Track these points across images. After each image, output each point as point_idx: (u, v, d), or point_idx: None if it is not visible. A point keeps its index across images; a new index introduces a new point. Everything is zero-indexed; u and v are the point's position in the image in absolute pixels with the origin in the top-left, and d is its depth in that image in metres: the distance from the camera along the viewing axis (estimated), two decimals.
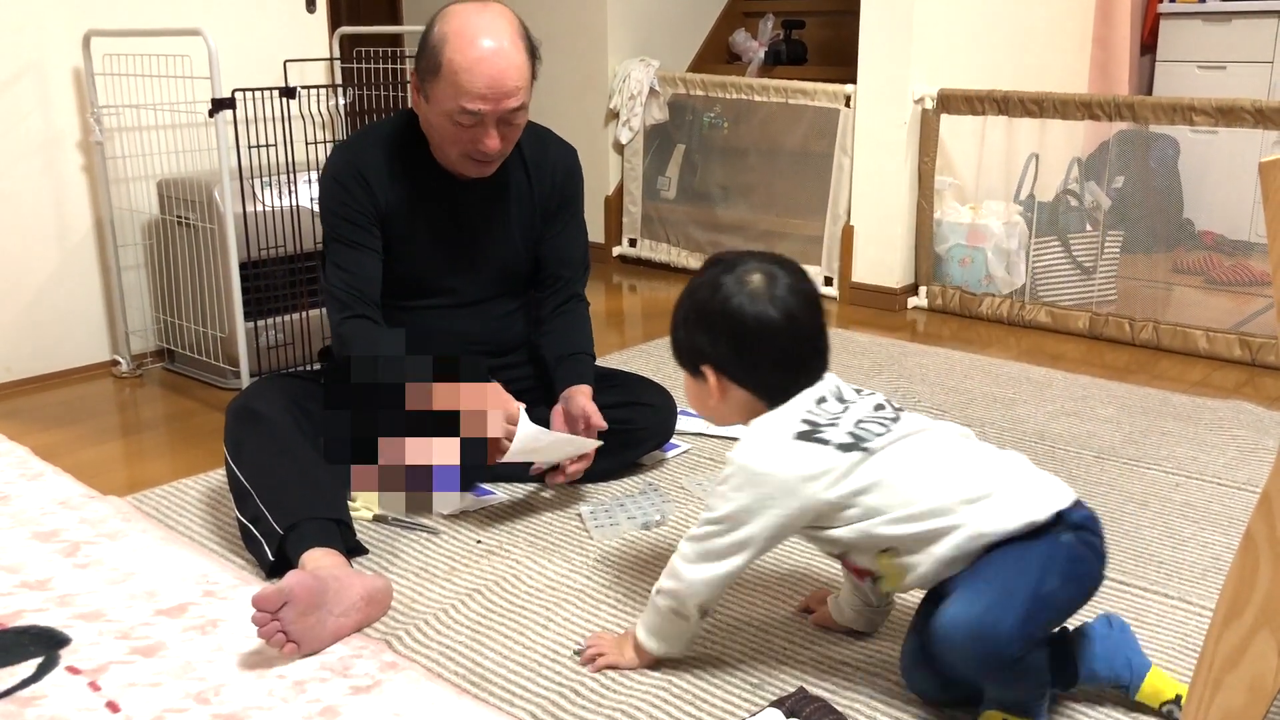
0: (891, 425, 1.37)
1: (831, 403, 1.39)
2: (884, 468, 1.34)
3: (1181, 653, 1.53)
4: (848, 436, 1.34)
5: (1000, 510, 1.30)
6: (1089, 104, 3.04)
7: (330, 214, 1.95)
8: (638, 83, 3.92)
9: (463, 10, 1.83)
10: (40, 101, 2.67)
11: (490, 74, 1.78)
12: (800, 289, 1.41)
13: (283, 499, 1.70)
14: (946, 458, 1.36)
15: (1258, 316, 3.21)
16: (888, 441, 1.34)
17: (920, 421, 1.40)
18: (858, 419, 1.36)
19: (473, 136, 1.84)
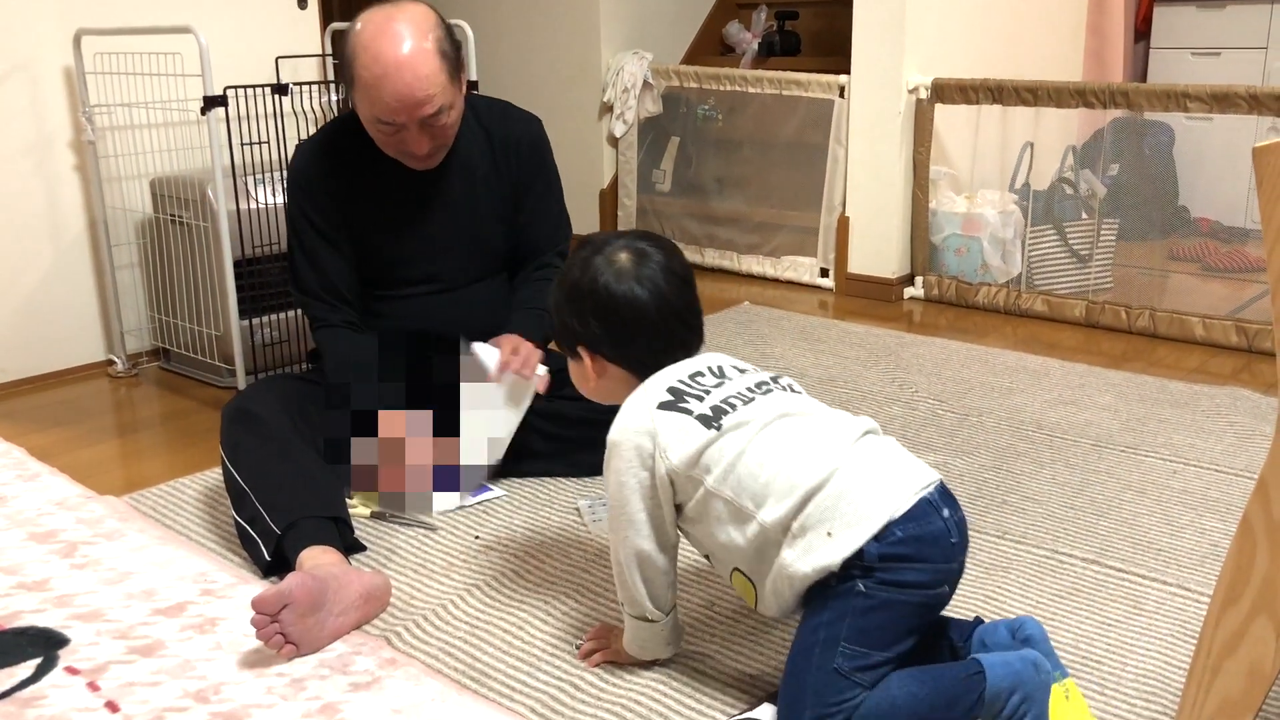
0: (742, 406, 1.34)
1: (708, 377, 1.40)
2: (731, 452, 1.30)
3: (1180, 639, 1.53)
4: (709, 410, 1.34)
5: (809, 547, 1.24)
6: (1083, 92, 3.04)
7: (295, 216, 1.97)
8: (631, 76, 3.91)
9: (372, 19, 1.79)
10: (32, 101, 2.66)
11: (396, 89, 1.75)
12: (669, 266, 1.43)
13: (280, 499, 1.70)
14: (786, 458, 1.29)
15: (1254, 303, 3.21)
16: (734, 422, 1.32)
17: (783, 406, 1.35)
18: (726, 395, 1.36)
19: (400, 140, 1.84)
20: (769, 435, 1.32)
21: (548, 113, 2.31)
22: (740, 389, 1.38)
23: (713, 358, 1.44)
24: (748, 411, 1.34)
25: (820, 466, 1.27)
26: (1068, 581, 1.69)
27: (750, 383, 1.40)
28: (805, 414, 1.36)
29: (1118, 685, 1.43)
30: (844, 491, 1.25)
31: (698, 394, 1.36)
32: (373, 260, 2.00)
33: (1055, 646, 1.50)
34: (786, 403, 1.37)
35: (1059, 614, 1.60)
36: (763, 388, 1.39)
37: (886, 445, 1.35)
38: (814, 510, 1.25)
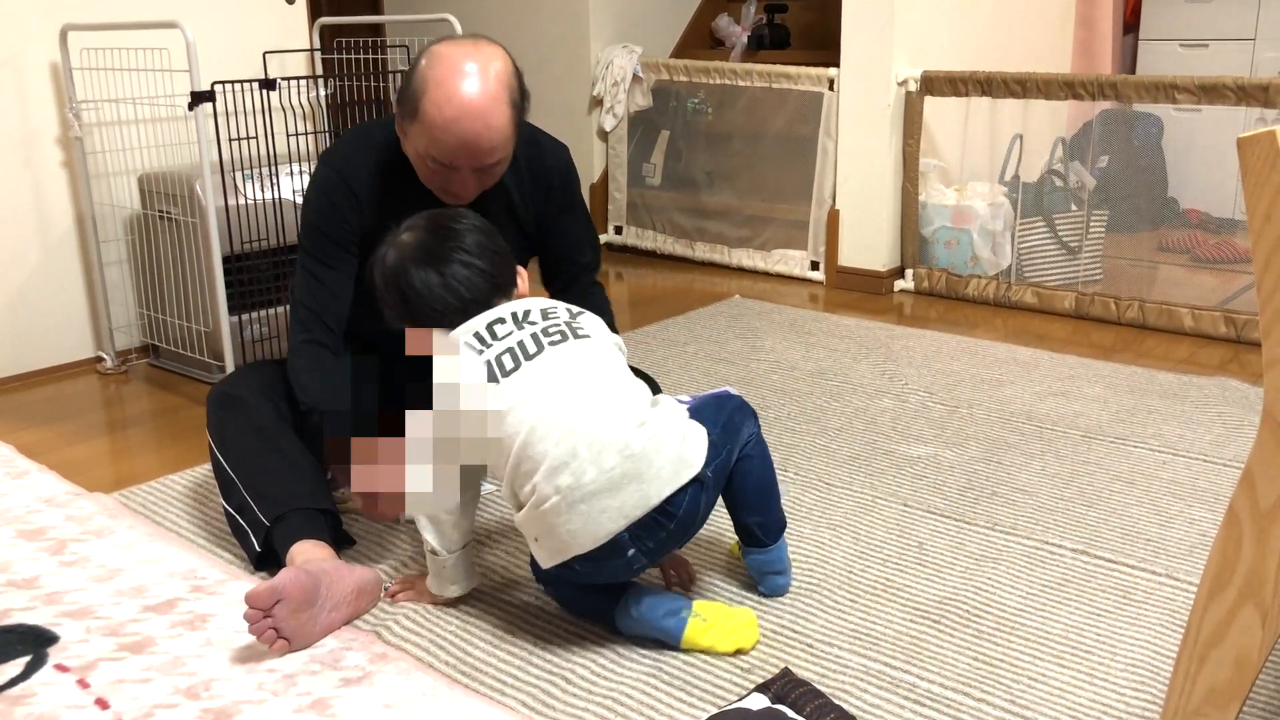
0: (524, 361, 1.46)
1: (509, 324, 1.51)
2: (502, 406, 1.44)
3: (1170, 629, 1.54)
4: (493, 359, 1.47)
5: (526, 530, 1.47)
6: (1072, 84, 3.04)
7: (312, 227, 1.88)
8: (621, 69, 3.91)
9: (449, 55, 1.69)
10: (18, 97, 2.65)
11: (465, 136, 1.68)
12: (431, 228, 1.59)
13: (268, 490, 1.69)
14: (539, 443, 1.42)
15: (1243, 293, 3.22)
16: (513, 380, 1.45)
17: (564, 369, 1.46)
18: (512, 345, 1.48)
19: (447, 180, 1.76)
20: (538, 404, 1.43)
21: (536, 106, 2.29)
22: (527, 337, 1.49)
23: (512, 305, 1.55)
24: (529, 368, 1.45)
25: (554, 480, 1.40)
26: (1057, 572, 1.70)
27: (541, 329, 1.50)
28: (581, 390, 1.45)
29: (1107, 675, 1.43)
30: (554, 522, 1.41)
31: (497, 340, 1.49)
32: None
33: (1045, 637, 1.52)
34: (570, 365, 1.47)
35: (1049, 604, 1.60)
36: (551, 336, 1.49)
37: (644, 445, 1.42)
38: (533, 511, 1.43)
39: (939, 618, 1.57)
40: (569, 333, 1.51)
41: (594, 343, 1.52)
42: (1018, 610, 1.59)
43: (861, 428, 2.30)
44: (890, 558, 1.75)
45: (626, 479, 1.40)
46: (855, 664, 1.46)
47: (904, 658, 1.47)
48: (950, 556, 1.75)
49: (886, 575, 1.69)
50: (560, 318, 1.54)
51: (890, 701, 1.38)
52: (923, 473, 2.07)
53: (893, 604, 1.61)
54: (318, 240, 1.87)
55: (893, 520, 1.88)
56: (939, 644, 1.51)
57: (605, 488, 1.40)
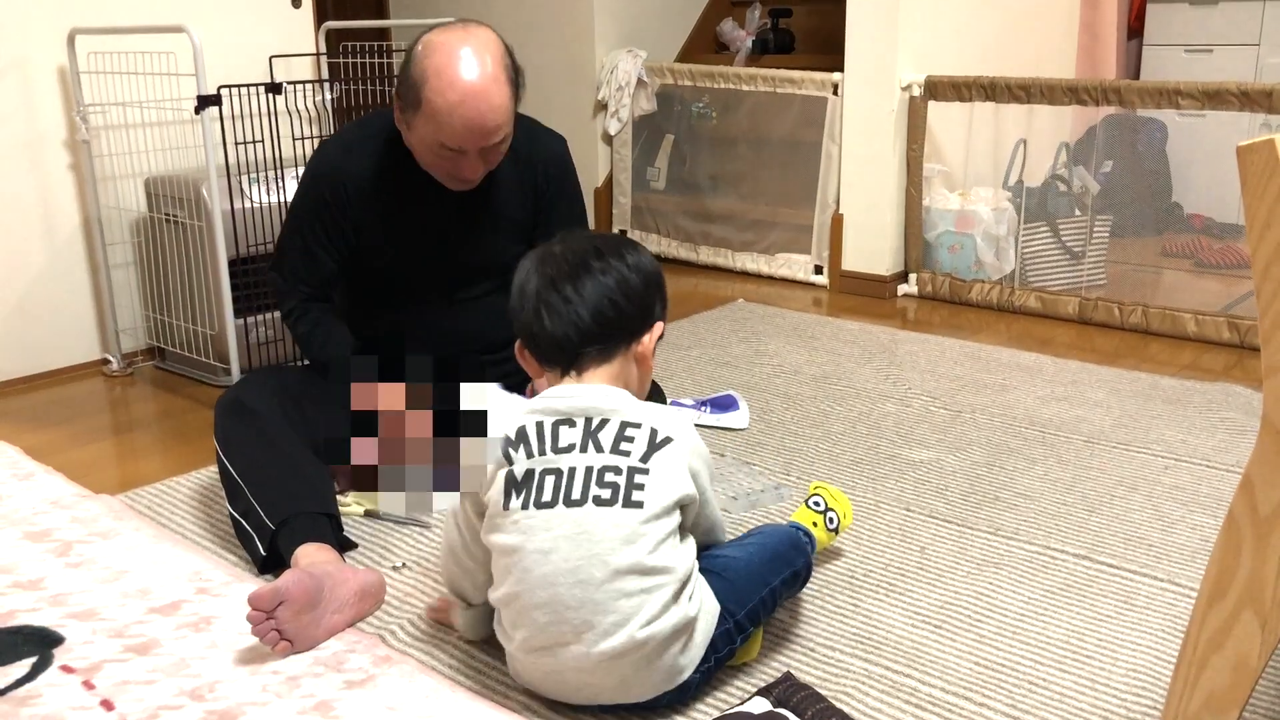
0: (559, 503, 1.32)
1: (577, 431, 1.36)
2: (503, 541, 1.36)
3: (1172, 635, 1.54)
4: (536, 479, 1.34)
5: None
6: (1076, 89, 3.05)
7: (303, 209, 1.96)
8: (625, 73, 3.92)
9: (444, 44, 1.76)
10: (25, 100, 2.66)
11: (470, 117, 1.74)
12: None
13: (273, 494, 1.70)
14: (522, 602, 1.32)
15: (1247, 299, 3.22)
16: (521, 519, 1.33)
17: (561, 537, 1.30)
18: (569, 470, 1.33)
19: (455, 164, 1.83)
20: (542, 573, 1.29)
21: (542, 111, 2.32)
22: (581, 471, 1.32)
23: (603, 403, 1.36)
24: (558, 519, 1.30)
25: (531, 650, 1.33)
26: (1059, 577, 1.70)
27: (599, 468, 1.32)
28: (590, 586, 1.28)
29: (1108, 680, 1.44)
30: (524, 663, 1.36)
31: (547, 449, 1.34)
32: (385, 269, 1.99)
33: (1047, 642, 1.52)
34: (597, 548, 1.29)
35: (1050, 609, 1.61)
36: (604, 488, 1.31)
37: (632, 667, 1.30)
38: (507, 638, 1.37)
39: (941, 622, 1.57)
40: (622, 493, 1.30)
41: (640, 516, 1.30)
42: (1019, 615, 1.59)
43: (864, 432, 2.30)
44: (892, 562, 1.75)
45: (605, 685, 1.32)
46: (857, 668, 1.46)
47: (906, 662, 1.48)
48: (952, 561, 1.75)
49: (888, 579, 1.70)
50: (628, 460, 1.32)
51: (892, 706, 1.38)
52: (925, 477, 2.07)
53: (895, 608, 1.61)
54: (313, 222, 1.95)
55: (895, 524, 1.88)
56: (941, 648, 1.51)
57: (581, 685, 1.32)
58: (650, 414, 1.36)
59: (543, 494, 1.32)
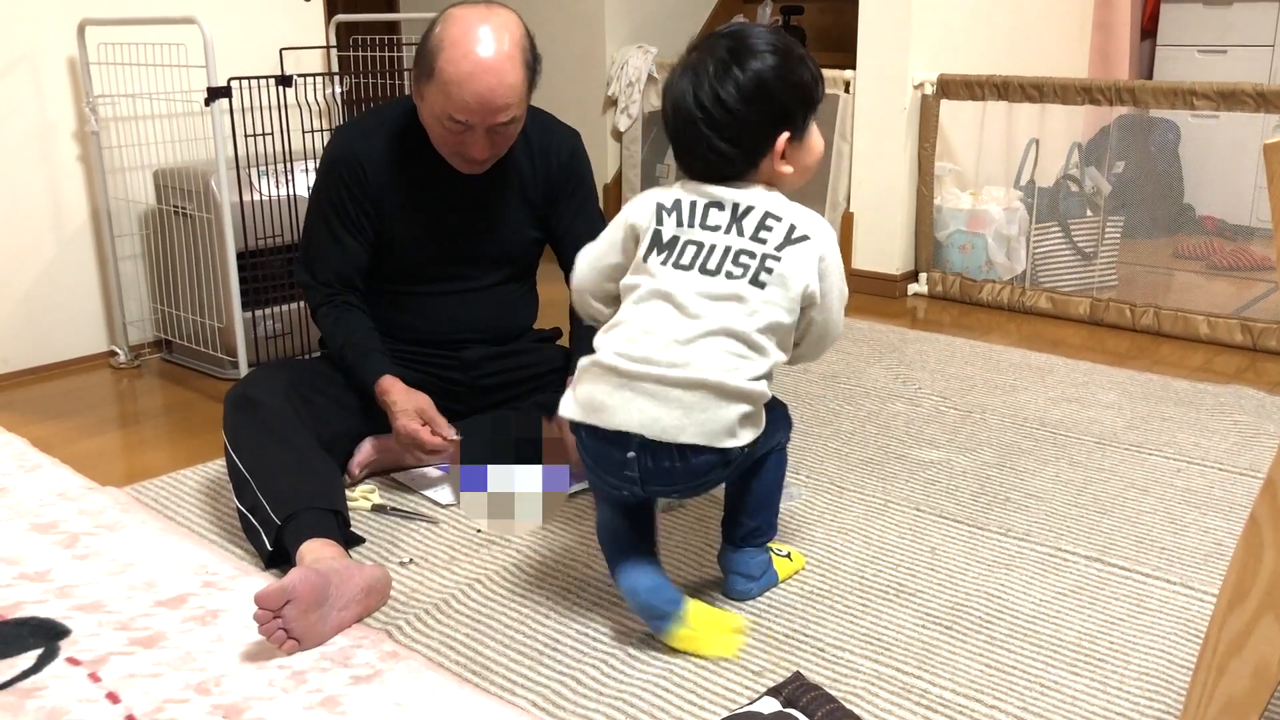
0: (694, 269, 1.44)
1: (725, 214, 1.48)
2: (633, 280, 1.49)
3: (1184, 638, 1.53)
4: (668, 239, 1.48)
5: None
6: (1089, 88, 3.03)
7: (324, 198, 1.96)
8: (636, 70, 3.91)
9: (464, 16, 1.78)
10: (35, 91, 2.66)
11: (480, 90, 1.75)
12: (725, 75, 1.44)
13: (280, 489, 1.69)
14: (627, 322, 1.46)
15: (1259, 301, 3.20)
16: (670, 274, 1.45)
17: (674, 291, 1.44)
18: (709, 247, 1.46)
19: (461, 141, 1.84)
20: (663, 303, 1.43)
21: (552, 106, 2.31)
22: (720, 249, 1.44)
23: (755, 199, 1.47)
24: (691, 283, 1.43)
25: (620, 343, 1.43)
26: (1071, 579, 1.69)
27: (736, 251, 1.44)
28: (700, 334, 1.42)
29: (1121, 684, 1.42)
30: (595, 374, 1.44)
31: (676, 221, 1.47)
32: (399, 255, 1.99)
33: (1058, 644, 1.51)
34: (718, 314, 1.42)
35: (1062, 612, 1.59)
36: (739, 265, 1.43)
37: (703, 394, 1.41)
38: (597, 341, 1.47)
39: (951, 623, 1.56)
40: (751, 273, 1.43)
41: (762, 295, 1.42)
42: (1030, 617, 1.58)
43: (874, 432, 2.29)
44: (902, 563, 1.74)
45: (674, 399, 1.40)
46: (867, 669, 1.45)
47: (916, 663, 1.47)
48: (963, 562, 1.74)
49: (899, 580, 1.68)
50: (764, 247, 1.44)
51: (902, 707, 1.37)
52: (935, 477, 2.06)
53: (905, 609, 1.60)
54: (336, 207, 1.95)
55: (905, 525, 1.87)
56: (951, 650, 1.50)
57: (652, 392, 1.40)
58: (794, 211, 1.47)
59: (682, 258, 1.44)
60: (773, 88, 1.44)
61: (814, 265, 1.45)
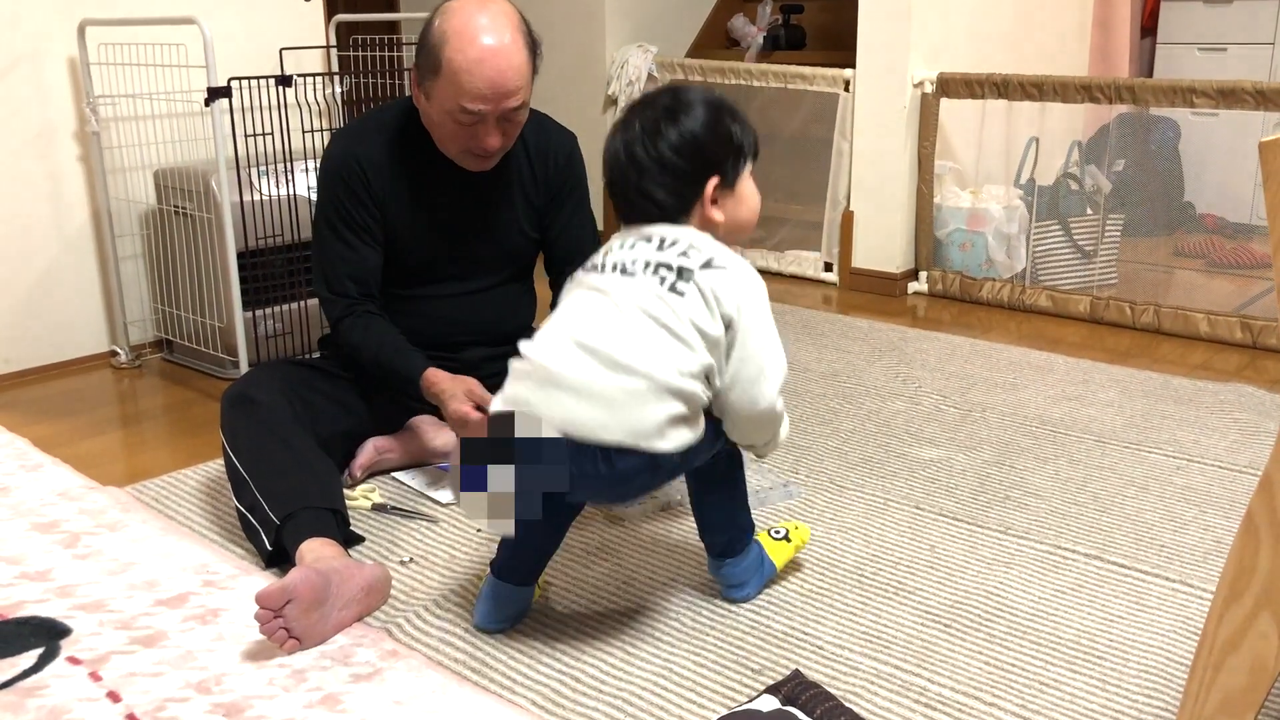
0: (607, 269, 1.46)
1: (652, 244, 1.48)
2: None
3: (1183, 635, 1.53)
4: (600, 262, 1.50)
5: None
6: (1089, 86, 3.03)
7: (329, 206, 1.95)
8: (636, 69, 3.91)
9: (461, 8, 1.80)
10: (36, 92, 2.66)
11: (490, 75, 1.77)
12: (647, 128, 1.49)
13: (279, 488, 1.70)
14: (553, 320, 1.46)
15: (1259, 299, 3.20)
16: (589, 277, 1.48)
17: (597, 291, 1.44)
18: (626, 262, 1.47)
19: (473, 134, 1.84)
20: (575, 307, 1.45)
21: (552, 106, 2.31)
22: (623, 264, 1.45)
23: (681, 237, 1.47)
24: (600, 281, 1.45)
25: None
26: (1070, 577, 1.69)
27: (629, 260, 1.45)
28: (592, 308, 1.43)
29: (1120, 681, 1.43)
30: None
31: (604, 252, 1.49)
32: (401, 257, 1.99)
33: (1058, 642, 1.51)
34: (604, 291, 1.43)
35: (1061, 609, 1.60)
36: (631, 272, 1.44)
37: (621, 386, 1.37)
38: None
39: (950, 621, 1.56)
40: (672, 283, 1.41)
41: (684, 303, 1.40)
42: (1030, 615, 1.58)
43: (874, 430, 2.29)
44: (902, 561, 1.74)
45: (597, 395, 1.36)
46: (866, 667, 1.46)
47: (915, 661, 1.47)
48: (962, 560, 1.74)
49: (898, 578, 1.69)
50: (686, 261, 1.43)
51: (901, 705, 1.37)
52: (935, 476, 2.06)
53: (904, 607, 1.60)
54: (343, 212, 1.94)
55: (905, 523, 1.87)
56: (950, 648, 1.50)
57: (575, 387, 1.37)
58: (718, 249, 1.47)
59: (604, 271, 1.46)
60: (701, 137, 1.48)
61: (733, 292, 1.42)
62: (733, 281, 1.44)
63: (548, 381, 1.39)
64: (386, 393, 2.01)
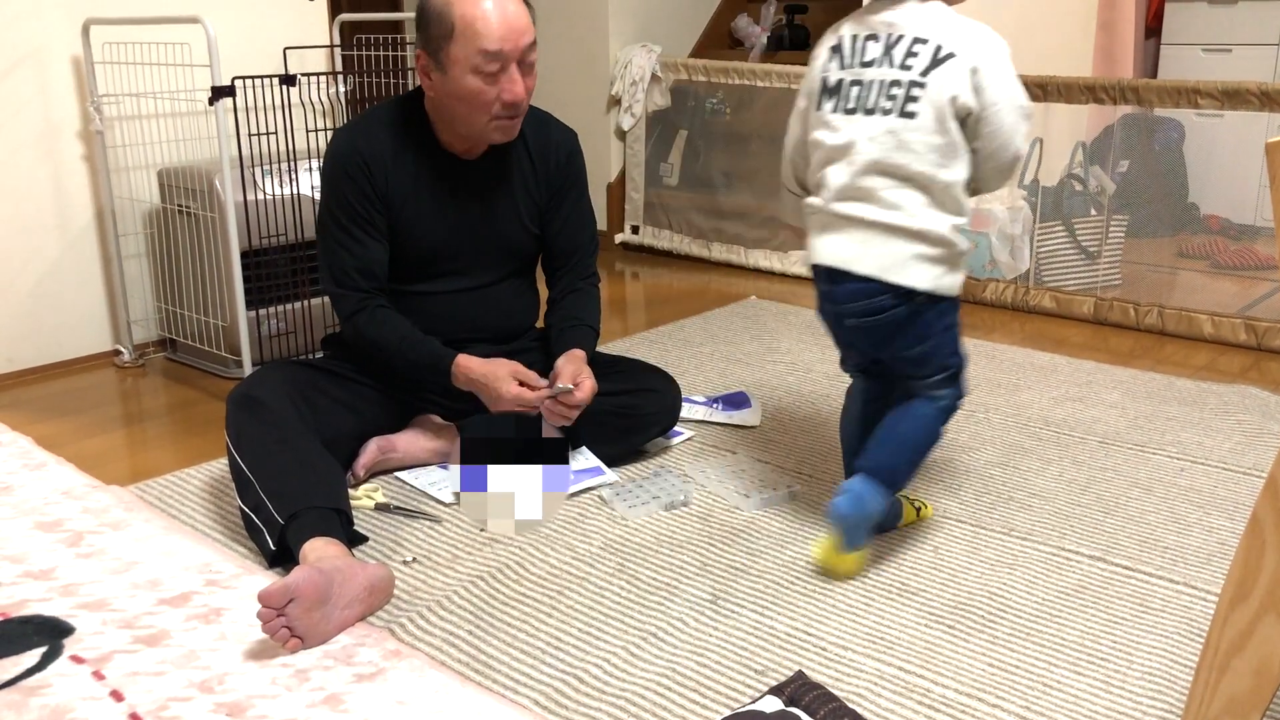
0: (859, 112, 1.63)
1: (879, 46, 1.65)
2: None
3: (1187, 637, 1.53)
4: (844, 90, 1.68)
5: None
6: (1093, 87, 3.03)
7: (333, 201, 1.96)
8: (639, 69, 3.90)
9: None
10: (40, 91, 2.66)
11: (505, 16, 1.82)
12: None
13: (283, 488, 1.70)
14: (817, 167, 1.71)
15: (1263, 301, 3.20)
16: (840, 119, 1.67)
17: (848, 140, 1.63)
18: (869, 82, 1.65)
19: (500, 88, 1.85)
20: (841, 153, 1.63)
21: (556, 106, 2.32)
22: (875, 85, 1.60)
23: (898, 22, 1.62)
24: (855, 126, 1.61)
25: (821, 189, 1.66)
26: (1074, 579, 1.69)
27: (889, 81, 1.59)
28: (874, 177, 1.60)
29: (1124, 683, 1.42)
30: (809, 222, 1.70)
31: (840, 64, 1.67)
32: (404, 251, 2.00)
33: (1061, 643, 1.51)
34: (883, 148, 1.59)
35: (1065, 611, 1.59)
36: (890, 97, 1.58)
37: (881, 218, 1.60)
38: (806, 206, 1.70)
39: (954, 623, 1.56)
40: (903, 103, 1.57)
41: (910, 125, 1.57)
42: (1033, 616, 1.58)
43: None
44: (905, 562, 1.74)
45: (854, 236, 1.60)
46: (869, 668, 1.45)
47: (918, 662, 1.47)
48: (966, 561, 1.74)
49: (902, 579, 1.68)
50: (910, 74, 1.57)
51: (904, 706, 1.37)
52: (938, 477, 2.06)
53: (908, 608, 1.60)
54: (340, 213, 1.95)
55: (908, 524, 1.87)
56: (954, 649, 1.50)
57: (840, 228, 1.61)
58: (943, 30, 1.58)
59: (848, 101, 1.62)
60: None
61: (964, 81, 1.55)
62: (963, 68, 1.56)
63: (825, 226, 1.64)
64: (401, 386, 2.01)
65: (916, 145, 1.56)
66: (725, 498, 1.96)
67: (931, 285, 1.60)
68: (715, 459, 2.14)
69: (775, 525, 1.86)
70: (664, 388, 2.12)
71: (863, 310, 1.62)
